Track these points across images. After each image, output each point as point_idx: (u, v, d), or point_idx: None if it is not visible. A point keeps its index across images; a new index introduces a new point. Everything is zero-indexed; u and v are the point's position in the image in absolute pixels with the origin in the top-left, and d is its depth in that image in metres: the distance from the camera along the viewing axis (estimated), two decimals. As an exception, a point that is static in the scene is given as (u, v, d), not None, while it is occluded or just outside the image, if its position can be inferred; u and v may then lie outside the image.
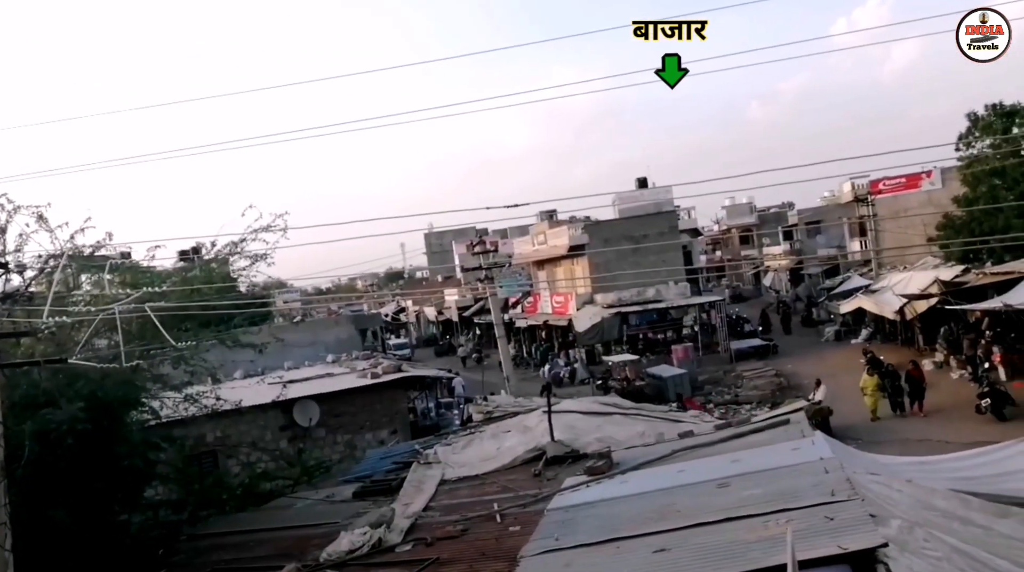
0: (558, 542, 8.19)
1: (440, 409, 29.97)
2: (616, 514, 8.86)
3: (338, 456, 20.96)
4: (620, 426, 15.05)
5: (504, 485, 11.83)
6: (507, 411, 19.23)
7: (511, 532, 9.37)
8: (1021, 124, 31.92)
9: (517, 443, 14.31)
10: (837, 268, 54.29)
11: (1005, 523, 7.51)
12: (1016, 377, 23.99)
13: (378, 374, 24.68)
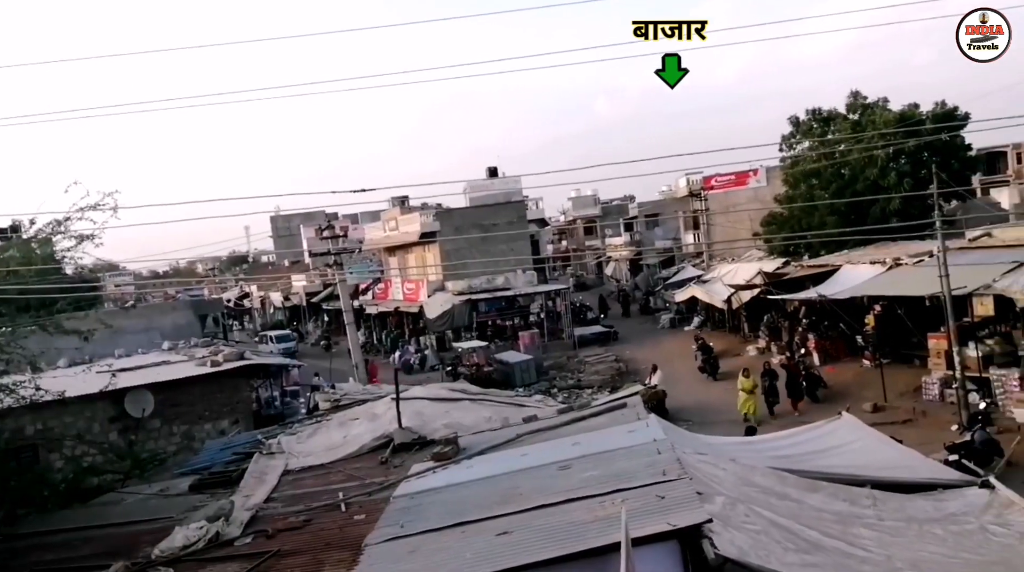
0: (403, 529, 8.18)
1: (286, 398, 29.07)
2: (462, 499, 8.96)
3: (174, 448, 19.93)
4: (467, 412, 15.20)
5: (350, 474, 11.67)
6: (355, 399, 18.98)
7: (356, 521, 9.27)
8: (836, 130, 34.75)
9: (365, 431, 14.15)
10: (673, 259, 57.13)
11: (815, 497, 8.21)
12: (828, 361, 26.28)
13: (219, 362, 23.60)
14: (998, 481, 8.69)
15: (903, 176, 30.74)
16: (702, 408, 24.54)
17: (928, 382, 21.41)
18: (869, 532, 7.29)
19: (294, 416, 22.13)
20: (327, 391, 23.34)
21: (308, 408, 24.14)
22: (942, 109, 32.23)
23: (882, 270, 25.06)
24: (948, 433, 17.09)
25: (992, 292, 19.93)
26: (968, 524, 7.59)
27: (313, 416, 18.66)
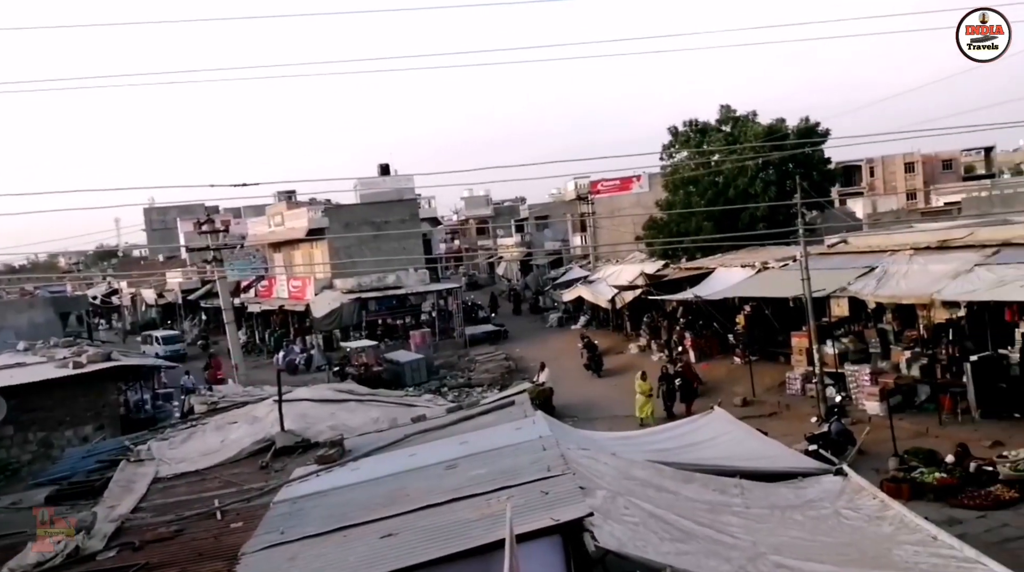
0: (283, 535, 8.00)
1: (157, 401, 27.78)
2: (346, 502, 8.89)
3: (29, 457, 18.80)
4: (354, 413, 15.06)
5: (227, 480, 11.34)
6: (234, 401, 18.44)
7: (233, 529, 8.98)
8: (710, 141, 36.49)
9: (244, 435, 13.79)
10: (561, 260, 58.23)
11: (689, 488, 8.66)
12: (703, 359, 27.53)
13: (82, 363, 22.28)
14: (850, 469, 9.44)
15: (770, 186, 32.58)
16: (587, 404, 25.20)
17: (791, 377, 22.82)
18: (737, 519, 7.77)
19: (167, 420, 21.25)
20: (204, 393, 22.54)
21: (182, 412, 23.22)
22: (805, 125, 34.38)
23: (751, 273, 26.51)
24: (808, 425, 18.31)
25: (847, 294, 21.49)
26: (824, 509, 8.22)
27: (188, 420, 18.01)
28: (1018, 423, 17.16)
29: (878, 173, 70.08)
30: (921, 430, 17.81)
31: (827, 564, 6.79)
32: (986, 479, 14.10)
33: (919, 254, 21.61)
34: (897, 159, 68.66)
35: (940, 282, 19.28)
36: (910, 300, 20.05)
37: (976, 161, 75.51)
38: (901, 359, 20.57)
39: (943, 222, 30.77)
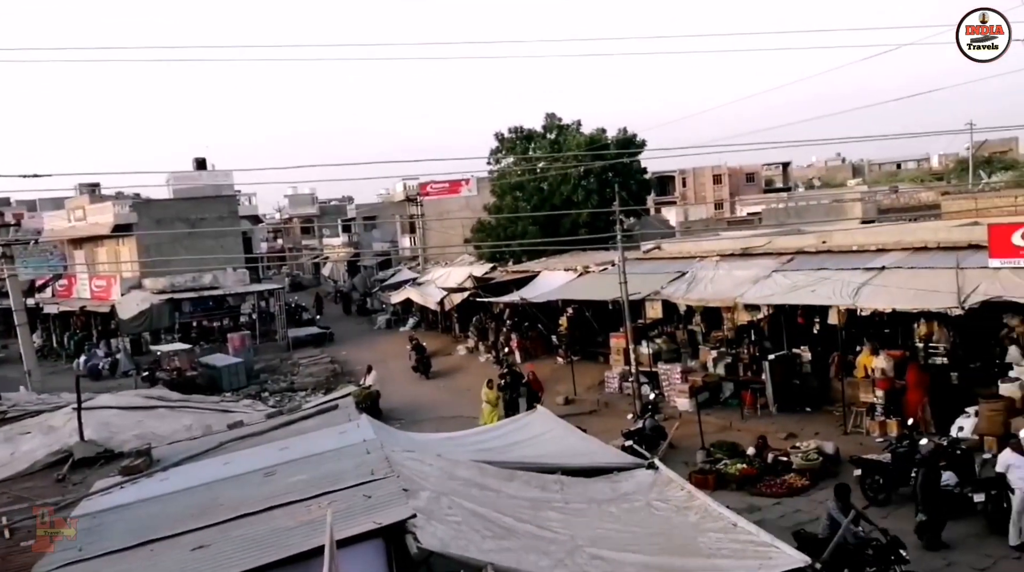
0: (82, 552, 7.46)
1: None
2: (153, 515, 8.39)
3: None
4: (164, 420, 14.21)
5: (17, 495, 10.39)
6: (27, 410, 16.80)
7: (23, 548, 8.26)
8: (536, 147, 37.56)
9: (38, 446, 12.64)
10: (390, 261, 57.74)
11: (512, 485, 8.85)
12: (528, 359, 28.21)
13: None
14: (661, 463, 10.00)
15: (591, 193, 33.97)
16: (415, 406, 25.11)
17: (610, 376, 23.88)
18: (557, 515, 8.03)
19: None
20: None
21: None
22: (624, 135, 36.15)
23: (574, 276, 27.51)
24: (625, 421, 19.20)
25: (661, 297, 22.78)
26: (637, 501, 8.66)
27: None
28: (809, 416, 18.85)
29: (689, 184, 75.04)
30: (726, 424, 19.17)
31: (639, 554, 7.15)
32: (781, 468, 15.40)
33: (724, 260, 23.29)
34: (706, 171, 73.83)
35: (743, 286, 20.87)
36: (716, 303, 21.56)
37: (775, 175, 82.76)
38: (708, 358, 22.03)
39: (746, 231, 33.34)
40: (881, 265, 19.07)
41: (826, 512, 10.83)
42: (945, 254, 18.39)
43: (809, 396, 19.50)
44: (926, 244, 19.35)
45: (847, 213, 34.28)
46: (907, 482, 13.18)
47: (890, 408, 16.85)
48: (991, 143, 69.37)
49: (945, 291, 16.46)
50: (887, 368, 17.37)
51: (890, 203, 43.11)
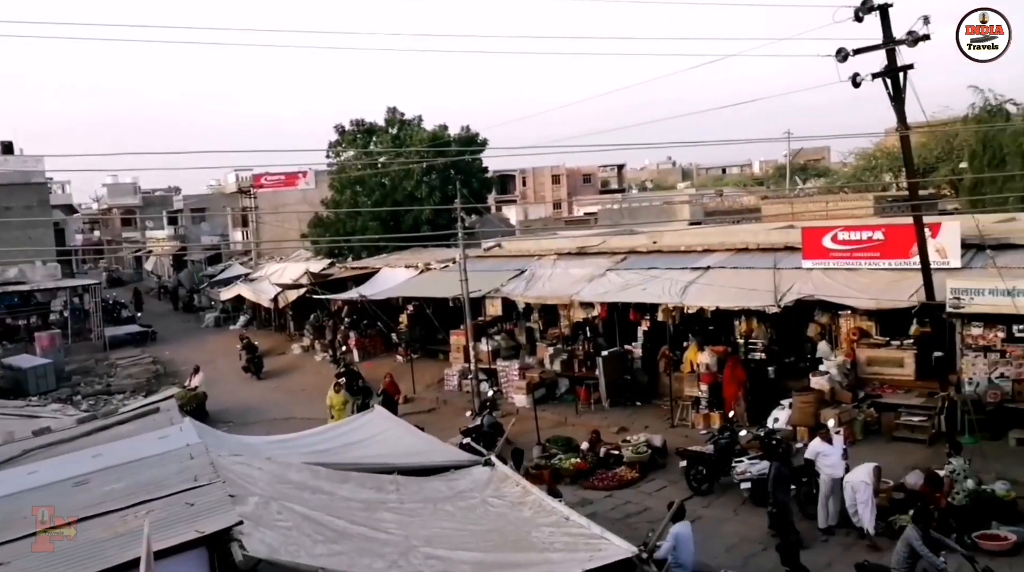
0: None
1: None
2: (-64, 535, 7.44)
3: None
4: (-47, 429, 12.71)
5: None
6: None
7: None
8: (377, 142, 36.95)
9: None
10: (220, 256, 55.07)
11: (345, 487, 8.58)
12: (366, 358, 27.72)
13: None
14: (498, 459, 10.04)
15: (433, 190, 33.89)
16: (245, 408, 24.03)
17: (449, 374, 23.88)
18: (392, 515, 7.86)
19: None
20: None
21: None
22: (466, 133, 36.32)
23: (415, 273, 27.32)
24: (464, 419, 19.25)
25: (500, 295, 23.06)
26: (473, 499, 8.64)
27: None
28: (639, 410, 19.66)
29: (529, 183, 76.68)
30: (561, 420, 19.62)
31: (474, 551, 7.12)
32: (613, 462, 15.95)
33: (562, 259, 23.91)
34: (546, 171, 75.70)
35: (579, 285, 21.50)
36: (554, 301, 22.08)
37: (610, 176, 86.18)
38: (546, 355, 22.51)
39: (582, 230, 34.43)
40: (707, 265, 20.25)
41: (902, 540, 9.55)
42: (764, 255, 19.80)
43: (640, 391, 20.34)
44: (747, 245, 20.75)
45: (676, 215, 36.22)
46: (728, 472, 14.02)
47: (713, 401, 17.86)
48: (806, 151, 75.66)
49: (764, 290, 17.70)
50: (711, 363, 18.40)
51: (715, 206, 45.94)
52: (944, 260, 16.00)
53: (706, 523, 12.93)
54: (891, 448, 14.69)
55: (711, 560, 11.45)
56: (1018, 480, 12.83)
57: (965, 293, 14.91)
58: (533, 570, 6.93)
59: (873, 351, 17.54)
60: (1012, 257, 16.02)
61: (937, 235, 16.18)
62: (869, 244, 17.47)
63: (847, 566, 11.04)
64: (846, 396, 16.63)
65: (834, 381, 16.82)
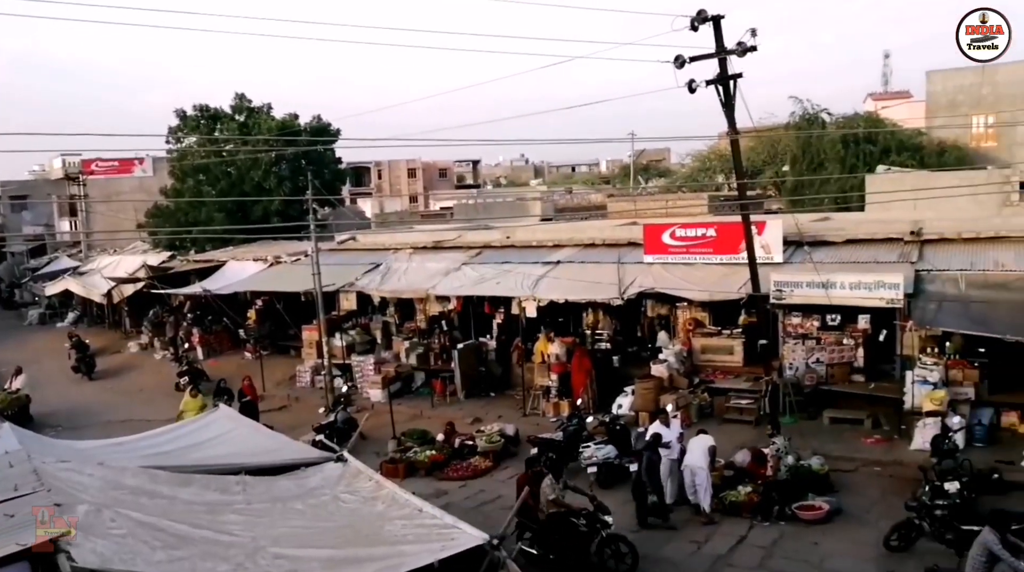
0: None
1: None
2: None
3: None
4: None
5: None
6: None
7: None
8: (223, 129, 35.38)
9: None
10: (44, 247, 51.05)
11: (187, 490, 8.25)
12: (211, 356, 26.58)
13: None
14: (351, 455, 9.97)
15: (284, 181, 32.92)
16: (75, 411, 22.45)
17: (302, 370, 23.33)
18: (238, 517, 7.65)
19: None
20: None
21: None
22: (318, 123, 35.48)
23: (264, 267, 26.47)
24: (317, 415, 18.90)
25: (355, 289, 22.78)
26: (324, 496, 8.55)
27: None
28: (493, 401, 20.01)
29: (385, 176, 75.79)
30: (417, 413, 19.64)
31: (325, 548, 7.07)
32: (468, 452, 16.16)
33: (418, 253, 23.92)
34: (402, 164, 75.09)
35: (434, 278, 21.60)
36: (409, 294, 22.06)
37: (466, 172, 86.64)
38: (401, 349, 22.44)
39: (438, 225, 34.50)
40: (557, 259, 20.91)
41: (979, 545, 8.87)
42: (609, 250, 20.68)
43: (494, 382, 20.74)
44: (594, 241, 21.59)
45: (529, 211, 36.90)
46: (576, 457, 14.55)
47: (563, 390, 18.46)
48: (649, 152, 79.12)
49: (609, 283, 18.50)
50: (560, 354, 19.01)
51: (565, 203, 47.18)
52: (768, 255, 17.34)
53: (555, 508, 13.40)
54: (722, 429, 15.75)
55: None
56: (831, 455, 14.17)
57: (786, 286, 16.26)
58: (386, 563, 6.96)
59: (706, 340, 18.78)
60: (827, 253, 17.63)
61: (762, 232, 17.50)
62: (703, 240, 18.64)
63: (686, 541, 11.79)
64: (683, 382, 17.70)
65: (672, 368, 17.86)
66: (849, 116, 35.22)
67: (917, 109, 36.91)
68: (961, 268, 16.05)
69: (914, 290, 15.45)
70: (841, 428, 15.90)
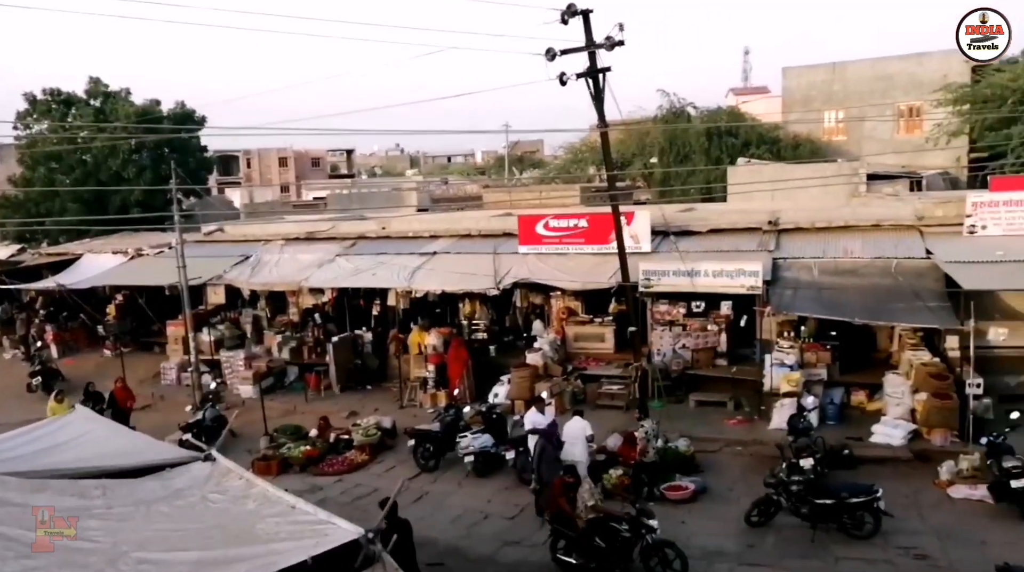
0: None
1: None
2: None
3: None
4: None
5: None
6: None
7: None
8: (77, 115, 33.14)
9: None
10: None
11: (41, 497, 7.76)
12: (67, 354, 25.01)
13: None
14: (220, 453, 9.66)
15: (144, 169, 31.27)
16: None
17: (167, 367, 22.33)
18: (97, 523, 7.29)
19: None
20: None
21: None
22: (182, 110, 33.83)
23: (124, 260, 25.09)
24: (184, 414, 18.15)
25: (224, 282, 22.00)
26: (192, 497, 8.24)
27: None
28: (370, 394, 19.83)
29: (255, 165, 73.22)
30: (291, 408, 19.23)
31: (193, 551, 6.85)
32: (343, 446, 15.98)
33: (290, 244, 23.33)
34: (272, 153, 72.73)
35: (308, 270, 21.15)
36: (281, 287, 21.50)
37: (340, 161, 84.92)
38: (273, 343, 21.87)
39: (311, 215, 33.68)
40: (433, 250, 20.92)
41: None
42: (485, 241, 20.88)
43: (370, 375, 20.56)
44: (470, 232, 21.74)
45: (405, 201, 36.64)
46: (453, 448, 14.67)
47: (440, 381, 18.55)
48: (523, 144, 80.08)
49: (485, 274, 18.70)
50: (437, 344, 19.07)
51: (442, 194, 47.13)
52: (637, 245, 17.99)
53: (433, 497, 13.51)
54: (595, 415, 16.24)
55: (437, 532, 11.98)
56: (697, 436, 14.92)
57: (654, 274, 16.93)
58: (257, 562, 6.81)
59: (579, 328, 19.33)
60: (692, 242, 18.46)
61: (631, 223, 18.13)
62: (575, 231, 19.12)
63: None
64: (557, 370, 18.15)
65: (547, 356, 18.29)
66: (713, 110, 36.90)
67: (774, 104, 39.05)
68: (814, 256, 17.19)
69: (772, 277, 16.43)
70: (706, 410, 16.75)
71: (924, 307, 14.86)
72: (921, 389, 14.54)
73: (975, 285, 14.26)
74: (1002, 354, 15.90)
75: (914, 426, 14.37)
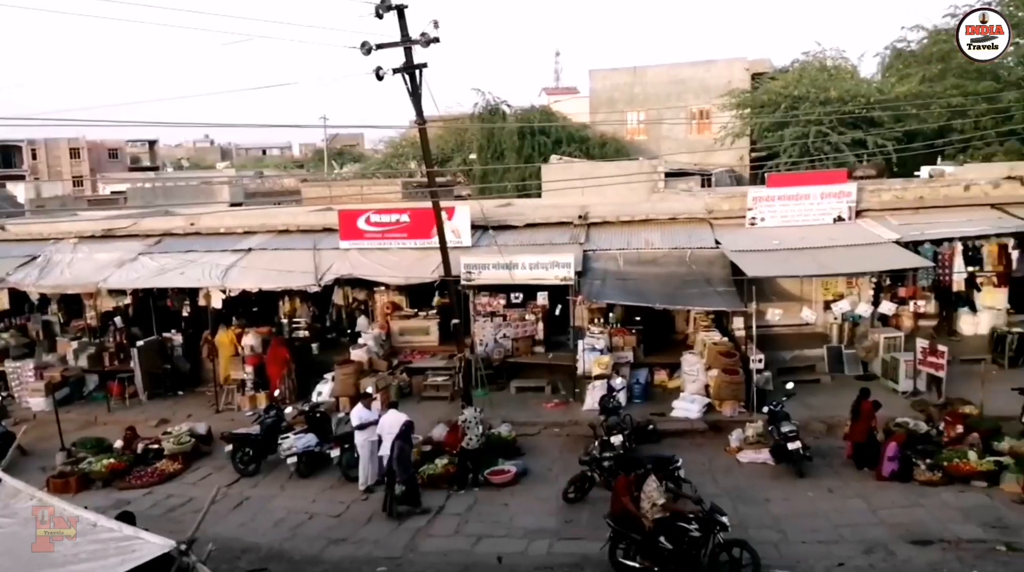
0: None
1: None
2: None
3: None
4: None
5: None
6: None
7: None
8: None
9: None
10: None
11: None
12: None
13: None
14: (7, 473, 8.83)
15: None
16: None
17: (-58, 383, 19.99)
18: None
19: None
20: None
21: None
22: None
23: None
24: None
25: (7, 285, 19.97)
26: (-26, 524, 7.51)
27: None
28: (182, 400, 18.79)
29: (41, 156, 66.82)
30: (91, 420, 17.85)
31: (-24, 581, 6.26)
32: (153, 457, 15.01)
33: (85, 242, 21.54)
34: (62, 143, 66.67)
35: (106, 270, 19.63)
36: (76, 289, 19.81)
37: (142, 153, 79.26)
38: (68, 350, 20.20)
39: (109, 211, 31.22)
40: (248, 247, 20.08)
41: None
42: (304, 236, 20.34)
43: (181, 379, 19.50)
44: (288, 227, 21.07)
45: (216, 196, 34.80)
46: (275, 450, 14.22)
47: (259, 382, 17.90)
48: (343, 137, 78.41)
49: (305, 270, 18.24)
50: (255, 345, 18.36)
51: (256, 187, 45.30)
52: (458, 239, 18.26)
53: (254, 502, 13.09)
54: (421, 407, 16.41)
55: (259, 537, 11.62)
56: (518, 421, 15.43)
57: (475, 268, 17.29)
58: (56, 588, 6.36)
59: (404, 322, 19.36)
60: (509, 236, 18.97)
61: (452, 218, 18.36)
62: (398, 226, 19.09)
63: (385, 520, 12.10)
64: (382, 364, 18.09)
65: (372, 352, 18.15)
66: (526, 109, 37.96)
67: (583, 104, 40.82)
68: (620, 247, 18.23)
69: (583, 268, 17.22)
70: (526, 396, 17.37)
71: (714, 292, 16.23)
72: (713, 366, 15.89)
73: (756, 272, 15.83)
74: (778, 332, 17.97)
75: (708, 400, 15.72)
